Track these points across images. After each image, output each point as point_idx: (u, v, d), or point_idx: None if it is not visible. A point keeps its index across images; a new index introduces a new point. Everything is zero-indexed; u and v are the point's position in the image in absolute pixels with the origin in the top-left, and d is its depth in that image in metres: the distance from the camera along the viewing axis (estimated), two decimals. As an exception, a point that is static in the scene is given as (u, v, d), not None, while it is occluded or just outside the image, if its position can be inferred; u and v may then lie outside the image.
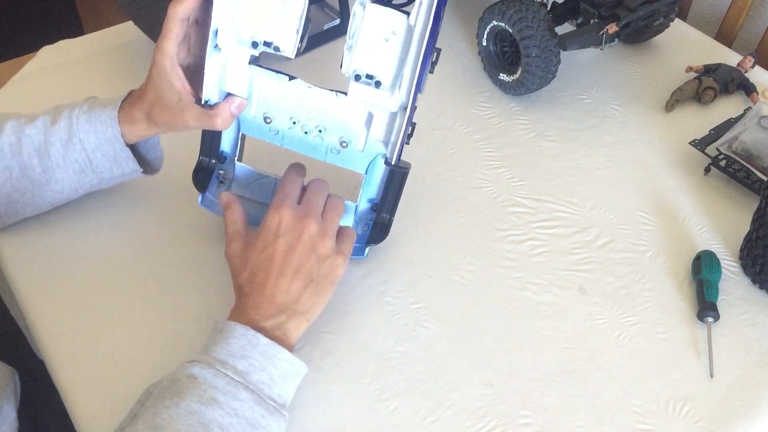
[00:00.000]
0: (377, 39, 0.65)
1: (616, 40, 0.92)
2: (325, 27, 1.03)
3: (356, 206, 0.75)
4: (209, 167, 0.75)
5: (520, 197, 0.84)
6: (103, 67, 1.03)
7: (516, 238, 0.80)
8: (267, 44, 0.67)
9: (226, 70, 0.69)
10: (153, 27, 0.98)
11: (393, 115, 0.69)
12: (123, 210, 0.82)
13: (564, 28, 0.93)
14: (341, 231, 0.71)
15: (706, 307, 0.72)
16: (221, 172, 0.76)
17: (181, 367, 0.61)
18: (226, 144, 0.75)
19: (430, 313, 0.73)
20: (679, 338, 0.72)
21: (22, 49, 1.31)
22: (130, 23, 1.11)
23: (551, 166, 0.88)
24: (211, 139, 0.74)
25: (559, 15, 0.95)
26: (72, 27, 2.15)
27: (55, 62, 1.03)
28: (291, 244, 0.65)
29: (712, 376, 0.69)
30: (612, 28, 0.90)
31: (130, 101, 0.73)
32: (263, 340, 0.62)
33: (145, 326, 0.72)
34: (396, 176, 0.72)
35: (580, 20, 0.95)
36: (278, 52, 0.67)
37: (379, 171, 0.73)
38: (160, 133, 0.74)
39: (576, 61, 1.03)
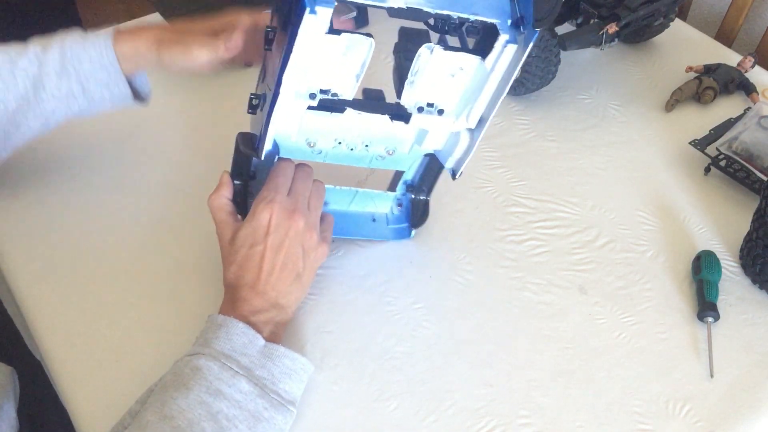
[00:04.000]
0: (442, 75, 0.63)
1: (616, 40, 0.92)
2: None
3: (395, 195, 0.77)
4: (243, 190, 0.73)
5: (520, 197, 0.84)
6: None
7: (516, 238, 0.80)
8: (324, 92, 0.63)
9: (280, 119, 0.65)
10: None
11: (455, 133, 0.68)
12: (123, 210, 0.82)
13: (564, 28, 0.93)
14: (322, 217, 0.72)
15: (706, 307, 0.72)
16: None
17: (183, 360, 0.61)
18: (259, 164, 0.72)
19: (430, 313, 0.73)
20: (679, 338, 0.72)
21: (22, 49, 1.31)
22: (130, 23, 1.11)
23: (551, 166, 0.88)
24: (241, 164, 0.72)
25: (559, 15, 0.95)
26: (72, 27, 2.15)
27: (55, 62, 1.03)
28: (280, 242, 0.66)
29: (712, 376, 0.69)
30: (612, 28, 0.90)
31: (131, 34, 0.74)
32: (261, 341, 0.63)
33: (145, 326, 0.72)
34: (436, 162, 0.72)
35: (580, 20, 0.95)
36: (336, 97, 0.64)
37: (419, 158, 0.73)
38: (164, 69, 0.74)
39: (576, 61, 1.03)
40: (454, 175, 0.71)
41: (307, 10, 0.54)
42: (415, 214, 0.78)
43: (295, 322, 0.72)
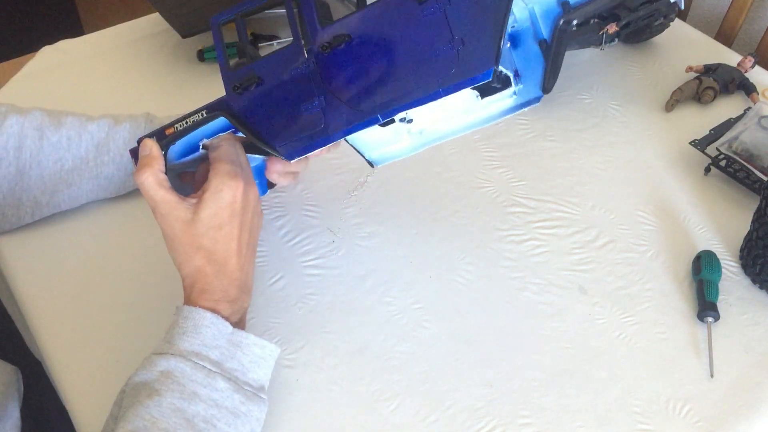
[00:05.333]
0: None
1: (616, 40, 0.92)
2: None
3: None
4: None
5: (520, 197, 0.84)
6: (102, 67, 1.03)
7: (516, 238, 0.80)
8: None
9: None
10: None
11: (394, 133, 0.70)
12: (123, 210, 0.82)
13: (564, 28, 0.93)
14: None
15: (706, 307, 0.72)
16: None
17: (151, 361, 0.59)
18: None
19: (430, 313, 0.73)
20: (679, 338, 0.72)
21: (22, 49, 1.31)
22: (130, 23, 1.11)
23: (551, 166, 0.88)
24: (182, 135, 0.66)
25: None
26: (72, 27, 2.15)
27: (55, 62, 1.03)
28: (246, 220, 0.64)
29: (712, 376, 0.69)
30: (612, 28, 0.90)
31: None
32: (229, 328, 0.61)
33: (144, 326, 0.72)
34: None
35: (580, 20, 0.95)
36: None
37: None
38: None
39: (576, 61, 1.03)
40: (372, 164, 0.74)
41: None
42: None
43: (295, 322, 0.72)
